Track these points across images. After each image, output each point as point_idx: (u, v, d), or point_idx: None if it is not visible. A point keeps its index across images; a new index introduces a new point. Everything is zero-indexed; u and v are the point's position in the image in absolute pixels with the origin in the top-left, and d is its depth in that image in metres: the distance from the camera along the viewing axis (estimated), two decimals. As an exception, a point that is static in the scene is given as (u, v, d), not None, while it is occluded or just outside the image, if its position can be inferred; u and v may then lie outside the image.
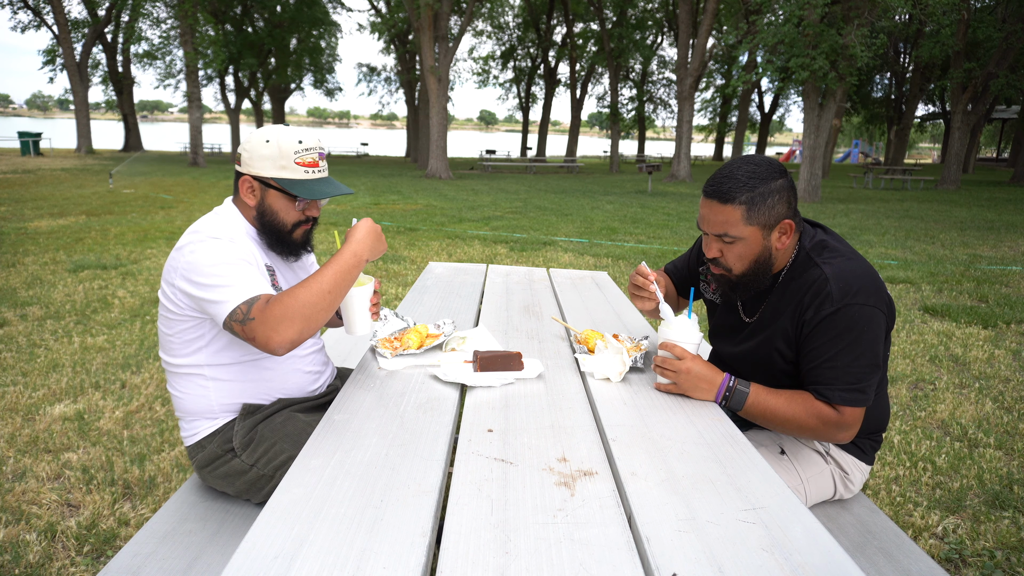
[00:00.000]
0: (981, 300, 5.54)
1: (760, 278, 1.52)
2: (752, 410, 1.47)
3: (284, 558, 0.85)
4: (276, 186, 1.52)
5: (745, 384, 1.48)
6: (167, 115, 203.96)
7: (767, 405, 1.46)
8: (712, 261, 1.54)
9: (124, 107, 31.04)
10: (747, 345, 1.61)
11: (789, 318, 1.49)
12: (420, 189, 16.08)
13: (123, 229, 8.27)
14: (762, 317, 1.57)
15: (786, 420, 1.46)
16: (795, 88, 17.39)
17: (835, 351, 1.41)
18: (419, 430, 1.26)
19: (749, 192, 1.42)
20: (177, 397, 1.58)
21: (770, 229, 1.46)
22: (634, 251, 7.66)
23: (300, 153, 1.51)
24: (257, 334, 1.33)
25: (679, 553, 0.90)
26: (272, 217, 1.55)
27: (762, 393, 1.47)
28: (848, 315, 1.39)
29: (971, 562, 2.09)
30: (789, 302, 1.50)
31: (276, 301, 1.33)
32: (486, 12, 31.95)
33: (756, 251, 1.47)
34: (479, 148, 38.23)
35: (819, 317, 1.42)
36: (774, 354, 1.54)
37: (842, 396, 1.41)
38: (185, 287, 1.42)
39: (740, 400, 1.47)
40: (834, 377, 1.41)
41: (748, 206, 1.43)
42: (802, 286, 1.47)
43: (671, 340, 1.50)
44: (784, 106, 42.26)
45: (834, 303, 1.40)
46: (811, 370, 1.45)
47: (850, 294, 1.40)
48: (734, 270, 1.51)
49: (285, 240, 1.58)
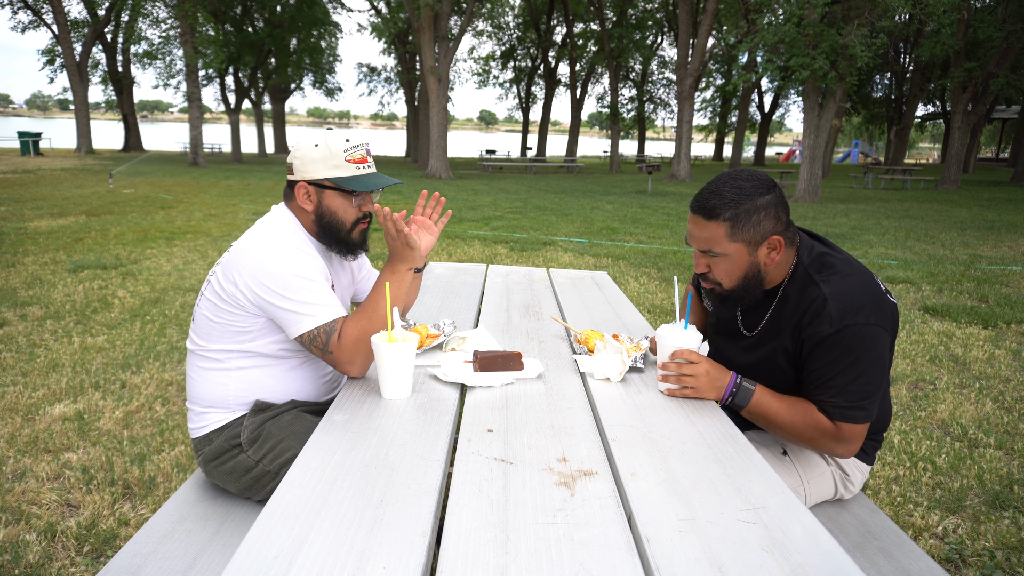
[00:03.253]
0: (981, 300, 5.54)
1: (750, 293, 1.50)
2: (755, 410, 1.47)
3: (284, 558, 0.85)
4: (332, 186, 1.57)
5: (751, 383, 1.48)
6: (167, 115, 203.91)
7: (769, 407, 1.46)
8: (702, 276, 1.53)
9: (124, 107, 31.04)
10: (750, 358, 1.61)
11: (789, 336, 1.48)
12: (420, 189, 16.09)
13: (123, 229, 8.27)
14: (762, 332, 1.57)
15: (785, 426, 1.46)
16: (795, 88, 17.38)
17: (836, 371, 1.39)
18: (419, 430, 1.26)
19: (734, 209, 1.41)
20: (194, 382, 1.60)
21: (756, 245, 1.44)
22: (634, 251, 7.66)
23: (349, 151, 1.57)
24: (337, 365, 1.50)
25: (679, 553, 0.90)
26: (332, 218, 1.60)
27: (766, 395, 1.47)
28: (849, 335, 1.37)
29: (971, 562, 2.09)
30: (788, 320, 1.49)
31: (349, 337, 1.48)
32: (486, 12, 31.95)
33: (743, 267, 1.46)
34: (479, 148, 38.22)
35: (818, 337, 1.40)
36: (776, 370, 1.54)
37: (843, 413, 1.40)
38: (259, 291, 1.47)
39: (745, 397, 1.46)
40: (836, 395, 1.40)
41: (732, 223, 1.42)
42: (801, 304, 1.46)
43: (681, 346, 1.48)
44: (784, 106, 42.29)
45: (833, 324, 1.38)
46: (813, 388, 1.45)
47: (850, 314, 1.38)
48: (723, 284, 1.50)
49: (345, 240, 1.63)
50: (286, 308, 1.47)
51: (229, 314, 1.52)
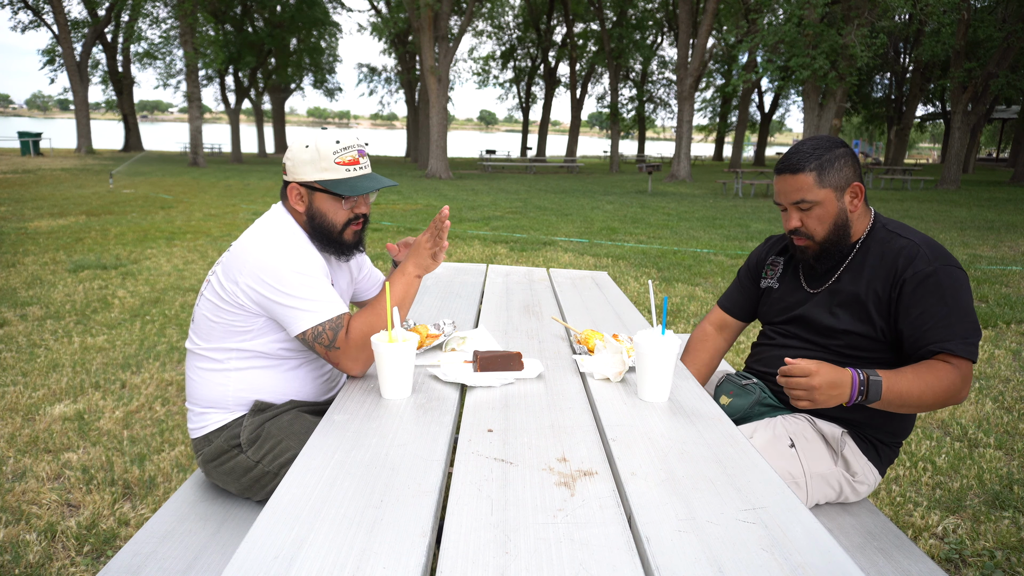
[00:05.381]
0: (981, 300, 5.54)
1: (841, 241, 1.61)
2: (888, 395, 1.45)
3: (284, 558, 0.85)
4: (321, 188, 1.57)
5: (875, 373, 1.45)
6: (167, 115, 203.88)
7: (901, 387, 1.45)
8: (794, 232, 1.63)
9: (124, 107, 31.05)
10: (808, 308, 1.66)
11: (882, 282, 1.55)
12: (420, 189, 16.09)
13: (123, 229, 8.27)
14: (837, 283, 1.63)
15: (922, 392, 1.44)
16: (795, 88, 17.40)
17: (946, 309, 1.46)
18: (419, 430, 1.26)
19: (816, 160, 1.56)
20: (193, 382, 1.60)
21: (842, 191, 1.58)
22: (634, 251, 7.66)
23: (339, 153, 1.56)
24: (341, 362, 1.49)
25: (679, 553, 0.90)
26: (322, 220, 1.59)
27: (892, 377, 1.45)
28: (949, 275, 1.47)
29: (971, 562, 2.09)
30: (878, 268, 1.56)
31: (358, 332, 1.48)
32: (486, 12, 31.94)
33: (833, 213, 1.59)
34: (479, 148, 38.22)
35: (921, 276, 1.48)
36: (839, 315, 1.60)
37: (964, 349, 1.44)
38: (260, 288, 1.47)
39: (877, 390, 1.44)
40: (951, 334, 1.45)
41: (818, 171, 1.56)
42: (890, 252, 1.56)
43: (658, 353, 1.38)
44: (784, 106, 42.31)
45: (931, 263, 1.49)
46: (924, 333, 1.47)
47: (942, 257, 1.50)
48: (816, 236, 1.61)
49: (337, 241, 1.62)
50: (287, 305, 1.46)
51: (229, 314, 1.52)
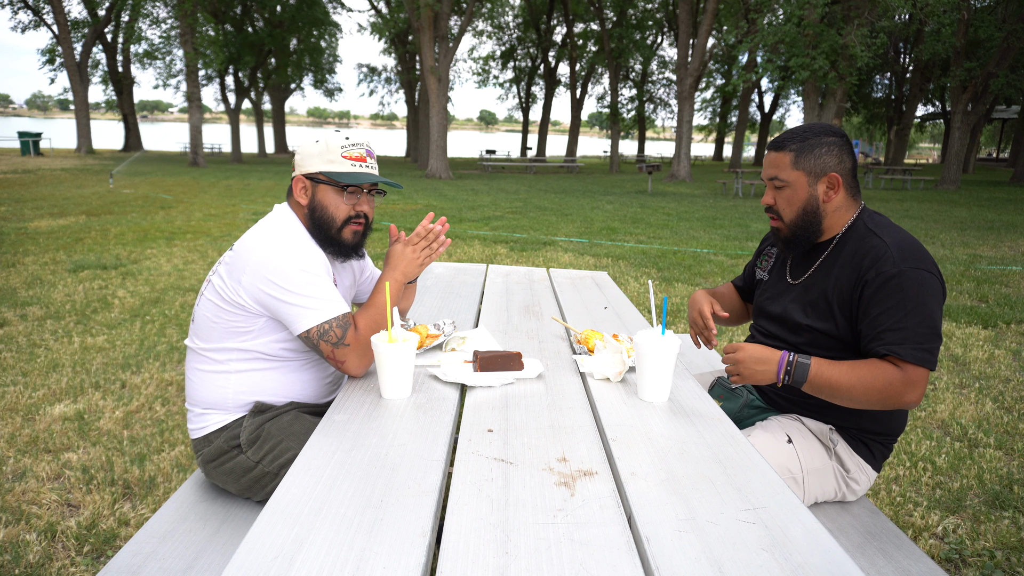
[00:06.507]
0: (981, 300, 5.54)
1: (810, 230, 1.62)
2: (816, 381, 1.48)
3: (284, 558, 0.85)
4: (324, 180, 1.58)
5: (806, 357, 1.49)
6: (167, 115, 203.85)
7: (831, 375, 1.47)
8: (768, 210, 1.67)
9: (124, 107, 31.05)
10: (797, 305, 1.66)
11: (847, 281, 1.54)
12: (420, 189, 16.09)
13: (123, 229, 8.27)
14: (811, 278, 1.65)
15: (852, 386, 1.45)
16: (795, 88, 17.39)
17: (903, 313, 1.44)
18: (419, 430, 1.26)
19: (800, 142, 1.58)
20: (193, 384, 1.60)
21: (816, 178, 1.58)
22: (634, 251, 7.66)
23: (346, 148, 1.58)
24: (348, 359, 1.48)
25: (679, 553, 0.90)
26: (322, 212, 1.60)
27: (824, 364, 1.48)
28: (912, 278, 1.45)
29: (971, 562, 2.09)
30: (846, 266, 1.56)
31: (366, 329, 1.50)
32: (486, 12, 31.95)
33: (803, 198, 1.59)
34: (479, 148, 38.22)
35: (883, 278, 1.47)
36: (808, 311, 1.62)
37: (913, 355, 1.42)
38: (263, 286, 1.47)
39: (803, 372, 1.48)
40: (903, 338, 1.44)
41: (796, 153, 1.58)
42: (859, 251, 1.55)
43: (657, 353, 1.40)
44: (784, 106, 42.29)
45: (896, 265, 1.46)
46: (878, 334, 1.47)
47: (912, 259, 1.47)
48: (784, 217, 1.63)
49: (335, 240, 1.62)
50: (291, 303, 1.46)
51: (230, 314, 1.52)
